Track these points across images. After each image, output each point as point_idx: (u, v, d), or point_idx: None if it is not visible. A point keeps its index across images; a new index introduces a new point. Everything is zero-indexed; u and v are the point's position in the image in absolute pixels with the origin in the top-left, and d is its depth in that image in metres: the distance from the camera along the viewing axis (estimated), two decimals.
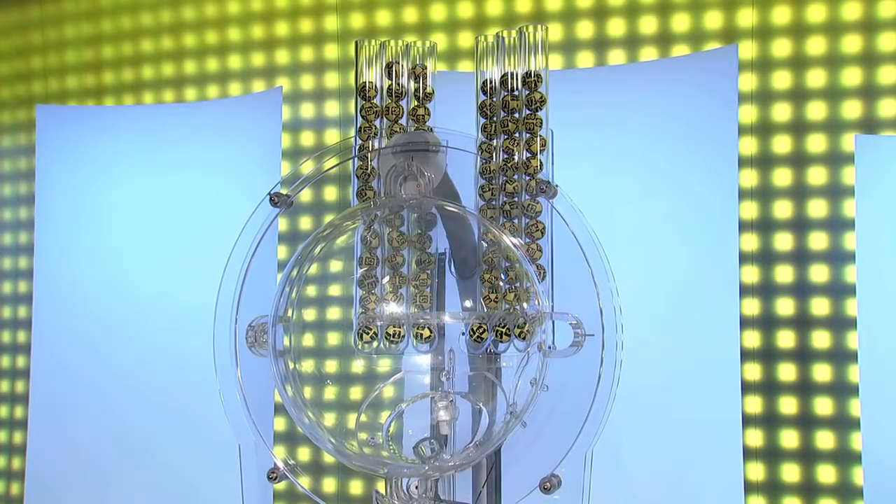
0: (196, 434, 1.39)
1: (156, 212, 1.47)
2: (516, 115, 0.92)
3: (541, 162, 0.91)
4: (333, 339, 1.06)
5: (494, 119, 0.94)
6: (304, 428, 0.95)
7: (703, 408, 1.19)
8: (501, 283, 0.91)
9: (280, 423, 1.35)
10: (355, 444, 0.92)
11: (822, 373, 1.19)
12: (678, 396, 1.19)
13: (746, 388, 1.19)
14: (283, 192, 0.98)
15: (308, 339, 1.03)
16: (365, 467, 0.91)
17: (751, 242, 1.21)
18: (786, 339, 1.20)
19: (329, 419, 0.97)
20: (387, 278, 0.95)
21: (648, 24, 1.26)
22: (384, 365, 0.97)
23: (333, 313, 1.06)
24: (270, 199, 0.97)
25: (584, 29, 1.29)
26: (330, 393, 1.02)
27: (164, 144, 1.48)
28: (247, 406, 0.95)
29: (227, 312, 0.96)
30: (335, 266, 1.01)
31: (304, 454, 1.35)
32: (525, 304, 0.90)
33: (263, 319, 0.95)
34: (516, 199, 0.92)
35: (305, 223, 1.38)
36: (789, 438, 1.19)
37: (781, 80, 1.21)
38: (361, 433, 0.92)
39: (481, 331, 0.88)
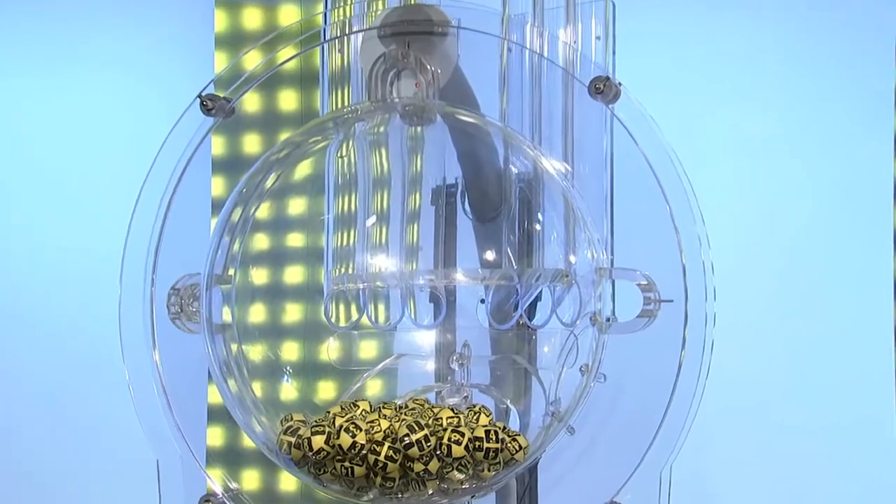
0: (98, 445, 1.44)
1: (40, 127, 1.49)
2: None
3: None
4: (294, 310, 1.07)
5: None
6: (253, 438, 0.96)
7: (837, 411, 1.23)
8: (538, 227, 0.91)
9: (217, 434, 1.38)
10: None
11: None
12: (799, 394, 1.23)
13: None
14: (219, 94, 0.98)
15: (258, 311, 1.04)
16: (343, 494, 0.92)
17: None
18: None
19: None
20: (371, 221, 0.96)
21: None
22: (369, 347, 0.98)
23: (294, 273, 1.07)
24: (201, 103, 0.96)
25: None
26: (291, 389, 1.03)
27: (47, 31, 1.51)
28: (169, 405, 0.95)
29: (139, 269, 0.96)
30: (296, 205, 1.02)
31: (251, 477, 1.38)
32: (573, 258, 0.90)
33: (193, 279, 0.96)
34: None
35: (252, 143, 1.38)
36: None
37: None
38: None
39: None
